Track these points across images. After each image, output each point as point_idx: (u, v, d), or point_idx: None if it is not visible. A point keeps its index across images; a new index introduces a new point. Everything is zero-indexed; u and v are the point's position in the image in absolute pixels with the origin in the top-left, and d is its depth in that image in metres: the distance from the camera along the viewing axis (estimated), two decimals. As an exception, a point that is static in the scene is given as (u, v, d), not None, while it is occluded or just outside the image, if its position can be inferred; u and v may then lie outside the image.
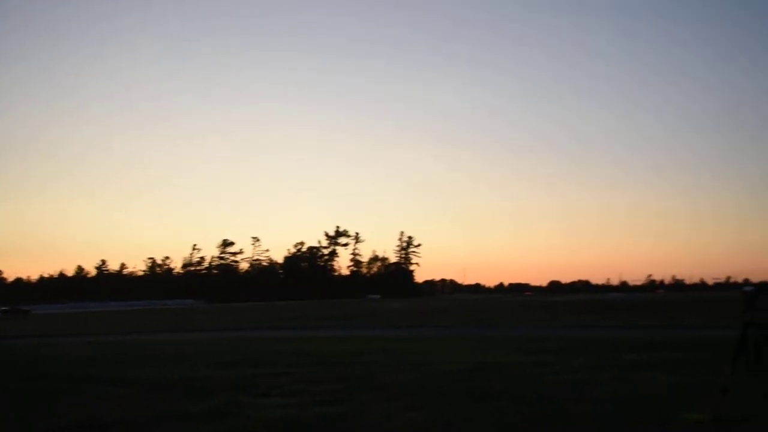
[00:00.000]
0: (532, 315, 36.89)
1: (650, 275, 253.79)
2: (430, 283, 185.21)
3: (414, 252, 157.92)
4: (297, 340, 21.04)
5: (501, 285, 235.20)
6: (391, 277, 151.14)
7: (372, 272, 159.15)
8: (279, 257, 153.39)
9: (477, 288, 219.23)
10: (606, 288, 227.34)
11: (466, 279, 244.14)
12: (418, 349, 15.91)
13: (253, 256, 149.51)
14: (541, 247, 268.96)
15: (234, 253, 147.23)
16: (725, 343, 5.80)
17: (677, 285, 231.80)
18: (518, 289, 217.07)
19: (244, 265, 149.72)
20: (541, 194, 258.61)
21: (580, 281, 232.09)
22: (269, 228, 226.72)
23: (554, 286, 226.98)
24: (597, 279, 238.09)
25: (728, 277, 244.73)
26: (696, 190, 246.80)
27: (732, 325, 5.20)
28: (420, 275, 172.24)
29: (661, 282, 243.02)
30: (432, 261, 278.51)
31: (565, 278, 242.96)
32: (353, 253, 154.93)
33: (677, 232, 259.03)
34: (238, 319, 41.68)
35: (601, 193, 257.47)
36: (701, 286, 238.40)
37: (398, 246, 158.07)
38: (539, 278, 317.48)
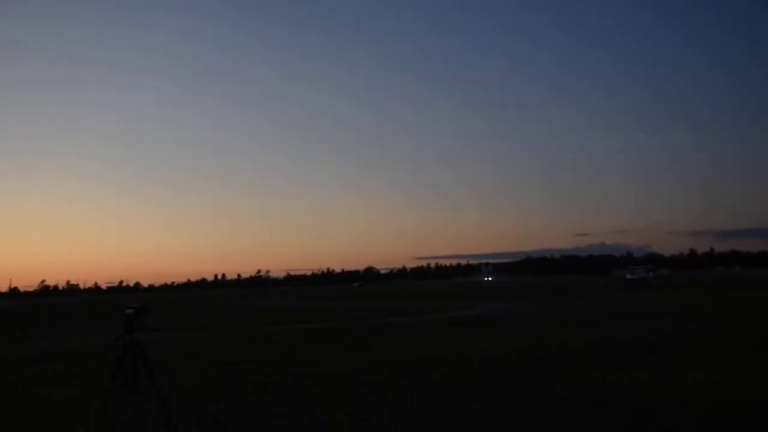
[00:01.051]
0: None
1: (44, 280, 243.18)
2: None
3: None
4: None
5: None
6: None
7: None
8: None
9: None
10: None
11: None
12: None
13: None
14: None
15: None
16: (109, 351, 6.37)
17: (72, 289, 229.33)
18: None
19: None
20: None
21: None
22: None
23: None
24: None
25: (121, 281, 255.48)
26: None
27: (113, 331, 5.69)
28: None
29: (56, 287, 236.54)
30: None
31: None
32: None
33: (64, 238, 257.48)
34: None
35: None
36: (96, 289, 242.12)
37: None
38: None
